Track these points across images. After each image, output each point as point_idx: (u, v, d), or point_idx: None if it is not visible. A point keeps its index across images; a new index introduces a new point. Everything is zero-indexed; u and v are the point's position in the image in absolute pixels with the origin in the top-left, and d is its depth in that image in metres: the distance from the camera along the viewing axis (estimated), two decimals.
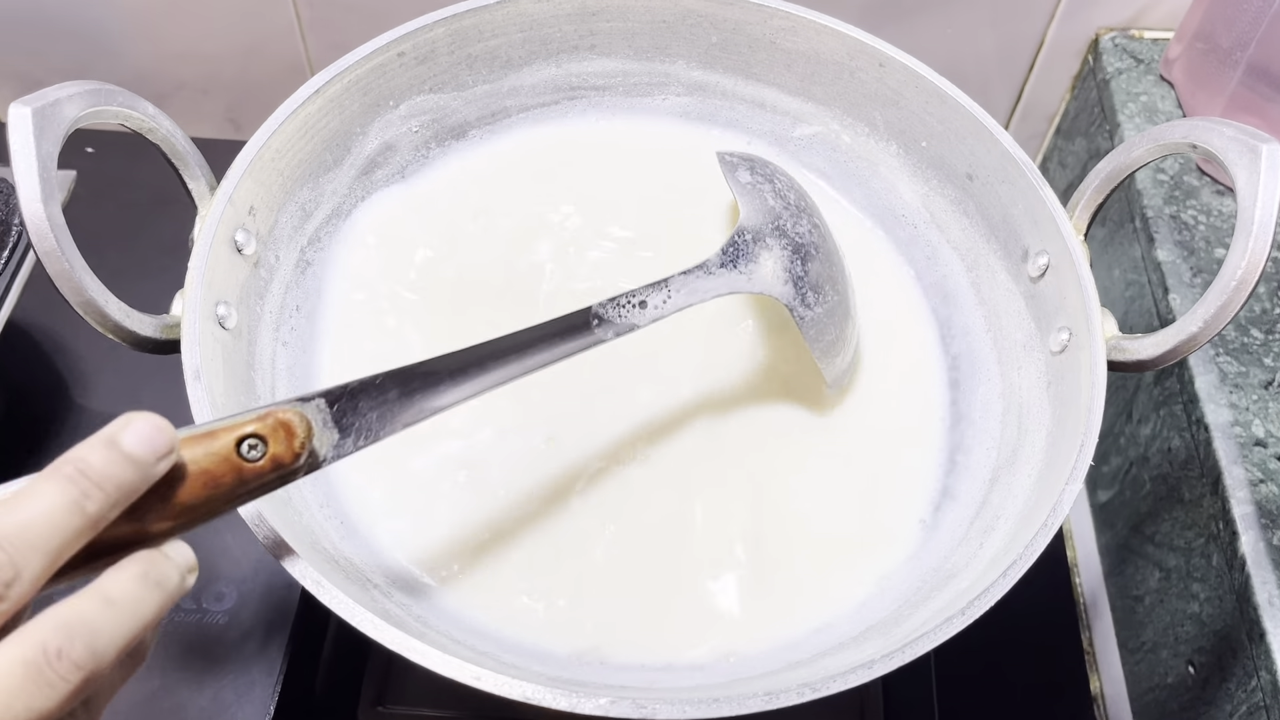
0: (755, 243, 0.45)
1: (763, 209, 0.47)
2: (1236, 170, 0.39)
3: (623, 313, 0.42)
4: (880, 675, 0.35)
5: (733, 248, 0.45)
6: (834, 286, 0.47)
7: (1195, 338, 0.41)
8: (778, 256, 0.45)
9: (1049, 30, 0.72)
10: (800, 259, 0.46)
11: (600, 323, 0.41)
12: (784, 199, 0.48)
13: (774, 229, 0.46)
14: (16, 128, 0.37)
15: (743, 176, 0.48)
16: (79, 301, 0.38)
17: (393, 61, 0.50)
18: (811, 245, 0.47)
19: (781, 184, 0.49)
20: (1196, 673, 0.56)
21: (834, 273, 0.48)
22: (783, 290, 0.45)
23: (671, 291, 0.43)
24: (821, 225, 0.49)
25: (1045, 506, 0.39)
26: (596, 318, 0.41)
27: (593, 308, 0.41)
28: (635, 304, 0.42)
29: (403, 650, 0.35)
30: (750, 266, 0.45)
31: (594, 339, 0.41)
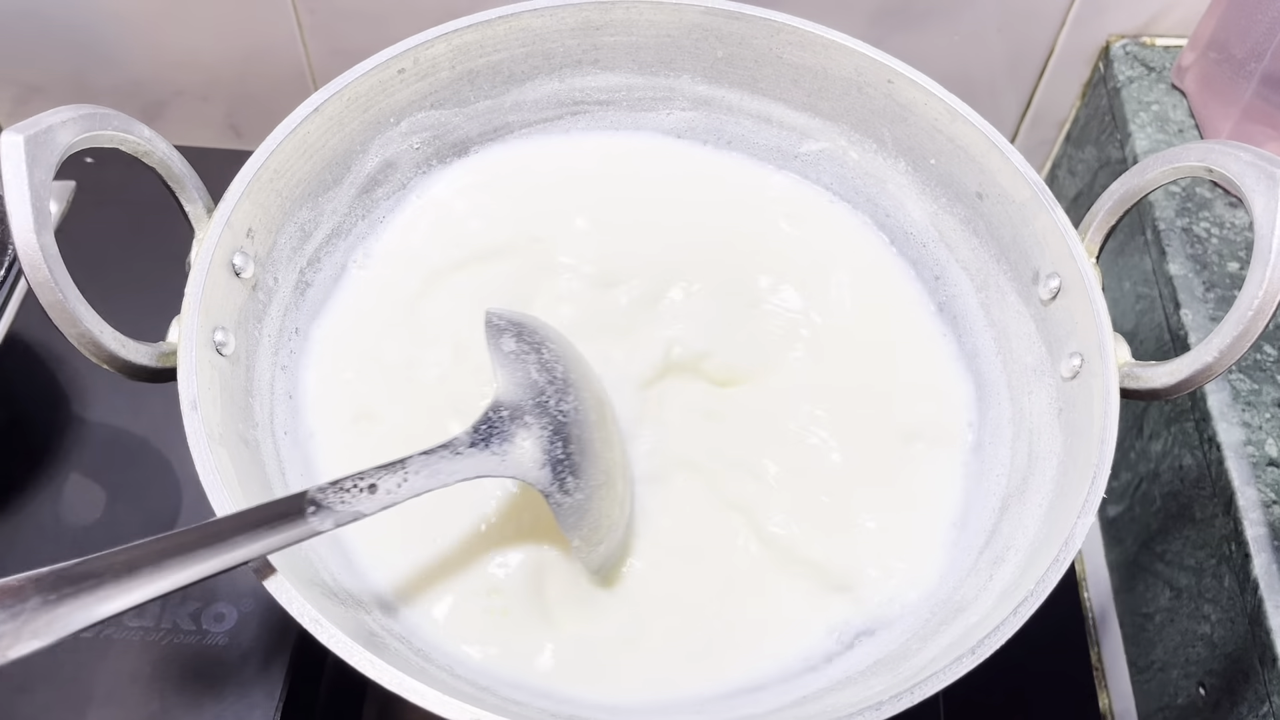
0: (512, 420, 0.41)
1: (525, 382, 0.42)
2: (1254, 197, 0.39)
3: (346, 498, 0.37)
4: (888, 717, 0.35)
5: (486, 425, 0.41)
6: (600, 470, 0.43)
7: (1211, 368, 0.40)
8: (536, 437, 0.41)
9: (1059, 37, 0.71)
10: (562, 440, 0.42)
11: (317, 510, 0.36)
12: (549, 372, 0.43)
13: (535, 405, 0.42)
14: (8, 156, 0.36)
15: (506, 344, 0.43)
16: (73, 333, 0.38)
17: (393, 78, 0.49)
18: (576, 424, 0.43)
19: (549, 354, 0.44)
20: (1207, 695, 0.55)
21: (603, 454, 0.44)
22: (539, 476, 0.41)
23: (409, 474, 0.38)
24: (592, 401, 0.45)
25: (1057, 540, 0.39)
26: (313, 504, 0.36)
27: (309, 493, 0.36)
28: (363, 488, 0.37)
29: (400, 690, 0.34)
30: (505, 447, 0.40)
31: (309, 530, 0.36)
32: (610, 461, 0.45)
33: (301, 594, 0.35)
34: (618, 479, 0.45)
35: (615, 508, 0.44)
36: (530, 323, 0.46)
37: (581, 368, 0.46)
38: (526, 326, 0.45)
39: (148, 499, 0.58)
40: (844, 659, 0.43)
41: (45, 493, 0.58)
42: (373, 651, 0.35)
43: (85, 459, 0.59)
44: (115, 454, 0.60)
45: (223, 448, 0.39)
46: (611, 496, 0.44)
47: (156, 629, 0.53)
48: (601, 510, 0.43)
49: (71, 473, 0.59)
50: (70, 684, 0.51)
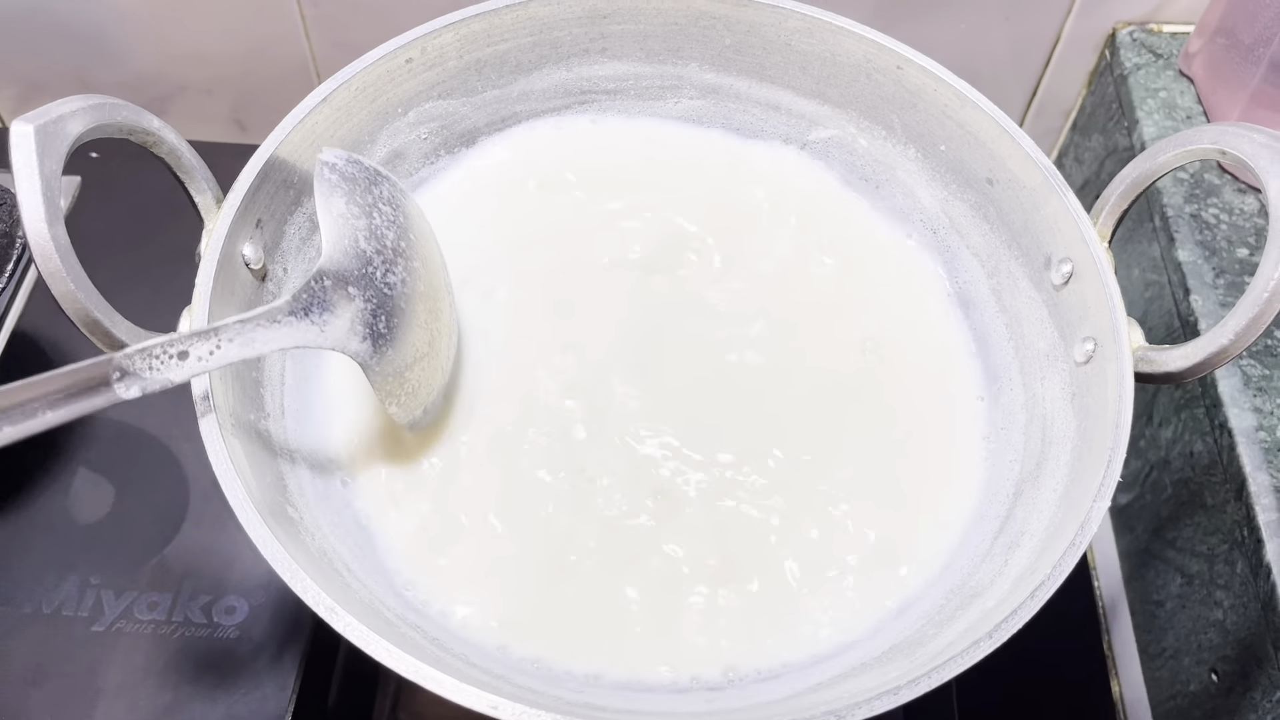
0: (335, 290, 0.40)
1: (352, 251, 0.41)
2: (1268, 179, 0.38)
3: (155, 364, 0.35)
4: (906, 701, 0.35)
5: (307, 294, 0.39)
6: (422, 337, 0.43)
7: (1226, 350, 0.40)
8: (358, 310, 0.40)
9: (1065, 25, 0.71)
10: (385, 313, 0.41)
11: (123, 376, 0.35)
12: (379, 239, 0.42)
13: (360, 276, 0.40)
14: (19, 146, 0.36)
15: (335, 205, 0.41)
16: (85, 323, 0.37)
17: (401, 68, 0.49)
18: (402, 297, 0.42)
19: (381, 218, 0.43)
20: (1220, 681, 0.55)
21: (427, 322, 0.43)
22: (359, 348, 0.40)
23: (222, 341, 0.37)
24: (422, 269, 0.44)
25: (1072, 524, 0.39)
26: (119, 370, 0.35)
27: (114, 359, 0.35)
28: (173, 354, 0.36)
29: (419, 679, 0.34)
30: (325, 317, 0.39)
31: (114, 397, 0.34)
32: (435, 331, 0.44)
33: (318, 584, 0.35)
34: (441, 346, 0.44)
35: (436, 373, 0.44)
36: (368, 176, 0.44)
37: (415, 230, 0.45)
38: (362, 181, 0.43)
39: (155, 493, 0.58)
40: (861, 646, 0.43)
41: (54, 489, 0.58)
42: (389, 640, 0.34)
43: (93, 455, 0.59)
44: (122, 449, 0.60)
45: (235, 438, 0.39)
46: (433, 364, 0.44)
47: (168, 622, 0.53)
48: (420, 378, 0.43)
49: (79, 468, 0.59)
50: (83, 678, 0.51)
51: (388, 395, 0.42)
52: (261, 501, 0.37)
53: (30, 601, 0.54)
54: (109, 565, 0.55)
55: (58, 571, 0.55)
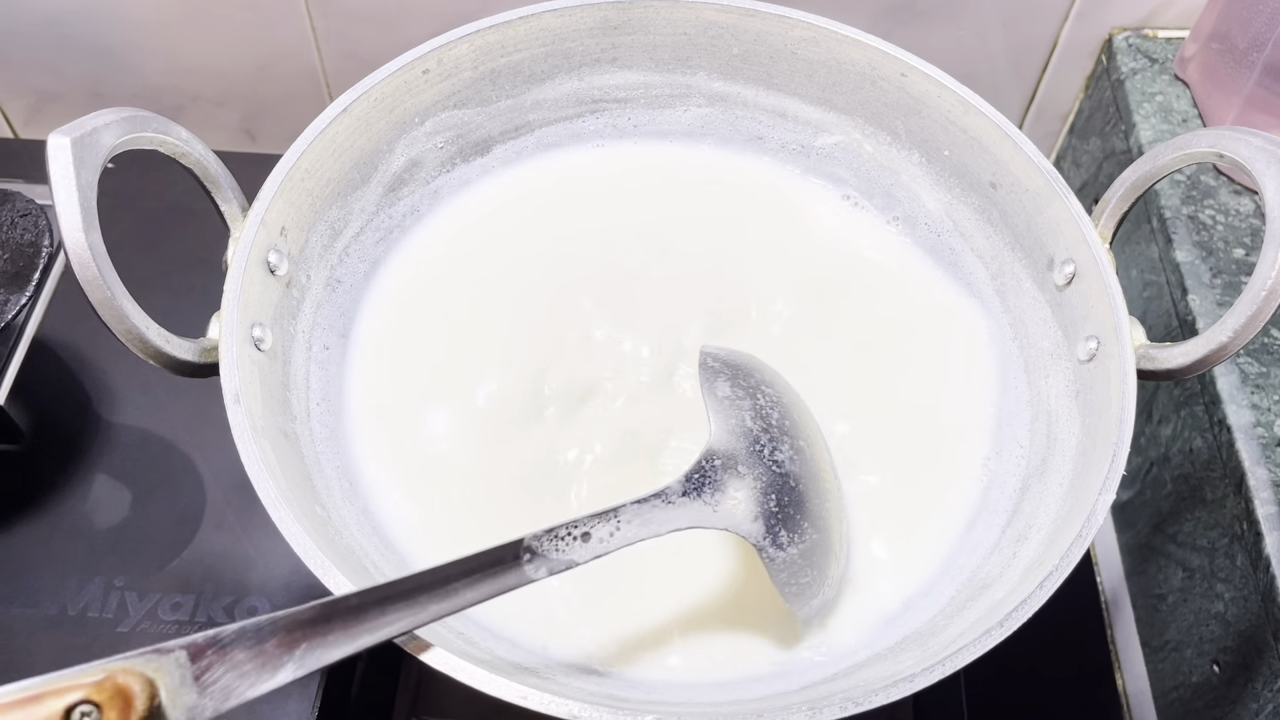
0: (725, 470, 0.40)
1: (739, 430, 0.42)
2: (1265, 180, 0.40)
3: (561, 546, 0.37)
4: (921, 688, 0.36)
5: (699, 475, 0.40)
6: (814, 523, 0.42)
7: (1225, 347, 0.41)
8: (749, 488, 0.40)
9: (1062, 31, 0.72)
10: (775, 492, 0.41)
11: (532, 558, 0.36)
12: (765, 419, 0.43)
13: (749, 454, 0.41)
14: (56, 158, 0.37)
15: (720, 389, 0.43)
16: (121, 329, 0.39)
17: (417, 79, 0.50)
18: (791, 476, 0.42)
19: (765, 399, 0.44)
20: (1222, 672, 0.56)
21: (817, 506, 0.43)
22: (752, 529, 0.40)
23: (621, 523, 0.38)
24: (808, 449, 0.44)
25: (1079, 516, 0.40)
26: (529, 552, 0.36)
27: (525, 540, 0.37)
28: (577, 536, 0.37)
29: (449, 670, 0.35)
30: (717, 497, 0.40)
31: (524, 578, 0.36)
32: (825, 513, 0.44)
33: (350, 579, 0.36)
34: (833, 531, 0.44)
35: (830, 560, 0.43)
36: (745, 364, 0.45)
37: (798, 412, 0.45)
38: (742, 369, 0.45)
39: (174, 499, 0.59)
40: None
41: (74, 494, 0.59)
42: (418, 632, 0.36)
43: (112, 460, 0.60)
44: (141, 455, 0.60)
45: (265, 439, 0.40)
46: (825, 548, 0.43)
47: (191, 623, 0.54)
48: (814, 564, 0.42)
49: (99, 474, 0.60)
50: None
51: (783, 583, 0.41)
52: (292, 500, 0.39)
53: (55, 604, 0.55)
54: (132, 568, 0.56)
55: (82, 575, 0.56)
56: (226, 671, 0.30)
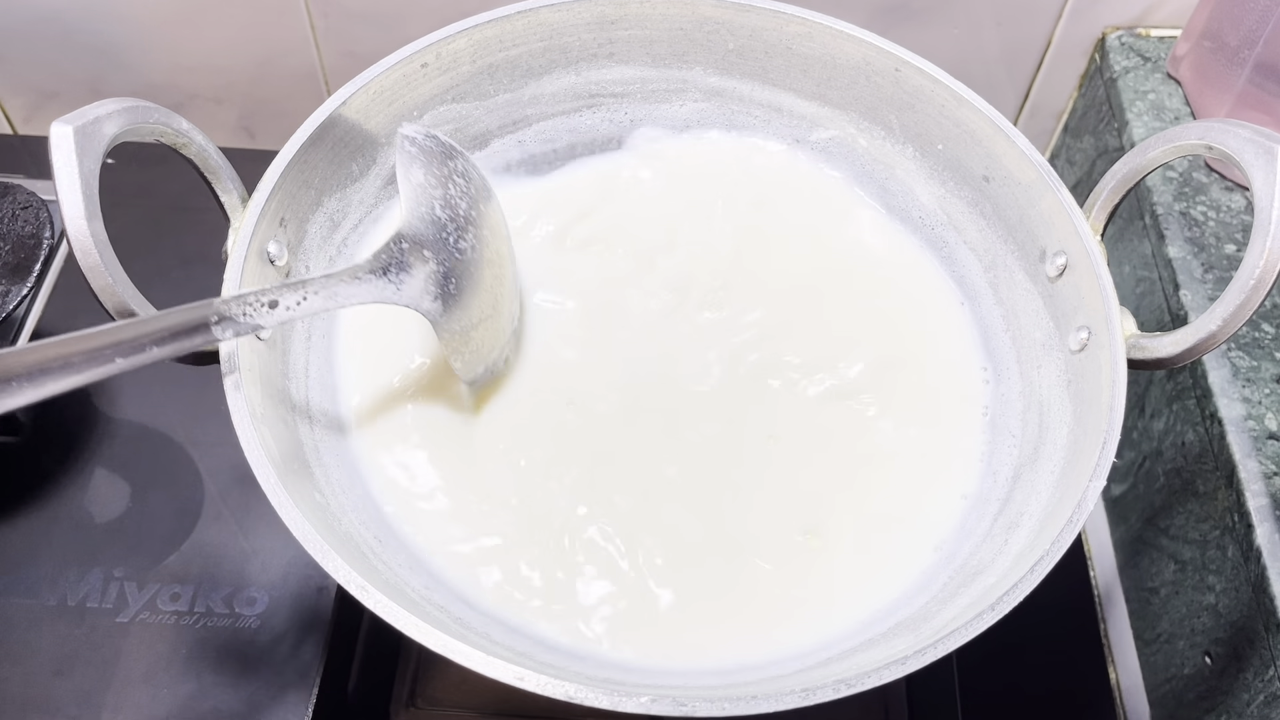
0: (411, 253, 0.43)
1: (428, 218, 0.45)
2: (1253, 171, 0.40)
3: (249, 310, 0.39)
4: (913, 671, 0.36)
5: (386, 255, 0.43)
6: (487, 300, 0.47)
7: (1214, 336, 0.41)
8: (431, 272, 0.44)
9: (1056, 30, 0.72)
10: (455, 276, 0.45)
11: (220, 320, 0.38)
12: (452, 209, 0.46)
13: (434, 240, 0.44)
14: (59, 146, 0.37)
15: (414, 175, 0.45)
16: (121, 316, 0.39)
17: (416, 72, 0.51)
18: (471, 263, 0.46)
19: (455, 189, 0.46)
20: (1213, 663, 0.57)
21: (493, 288, 0.47)
22: (430, 307, 0.44)
23: (309, 293, 0.40)
24: (489, 238, 0.47)
25: (1069, 503, 0.40)
26: (217, 315, 0.38)
27: (214, 303, 0.38)
28: (264, 303, 0.39)
29: (447, 652, 0.35)
30: (401, 277, 0.43)
31: (211, 338, 0.38)
32: (499, 295, 0.48)
33: (349, 563, 0.37)
34: (504, 309, 0.49)
35: (498, 334, 0.49)
36: (444, 150, 0.47)
37: (484, 200, 0.48)
38: (438, 154, 0.47)
39: (172, 491, 0.59)
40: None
41: (73, 486, 0.59)
42: (418, 616, 0.36)
43: (111, 453, 0.61)
44: (140, 448, 0.61)
45: (265, 426, 0.41)
46: (496, 325, 0.48)
47: (190, 613, 0.54)
48: (484, 338, 0.47)
49: (98, 467, 0.60)
50: (107, 667, 0.53)
51: (453, 352, 0.45)
52: (291, 486, 0.39)
53: (55, 594, 0.55)
54: (131, 559, 0.56)
55: (81, 566, 0.56)
56: None
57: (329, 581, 0.55)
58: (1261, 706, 0.52)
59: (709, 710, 0.35)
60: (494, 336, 0.48)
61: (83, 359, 0.35)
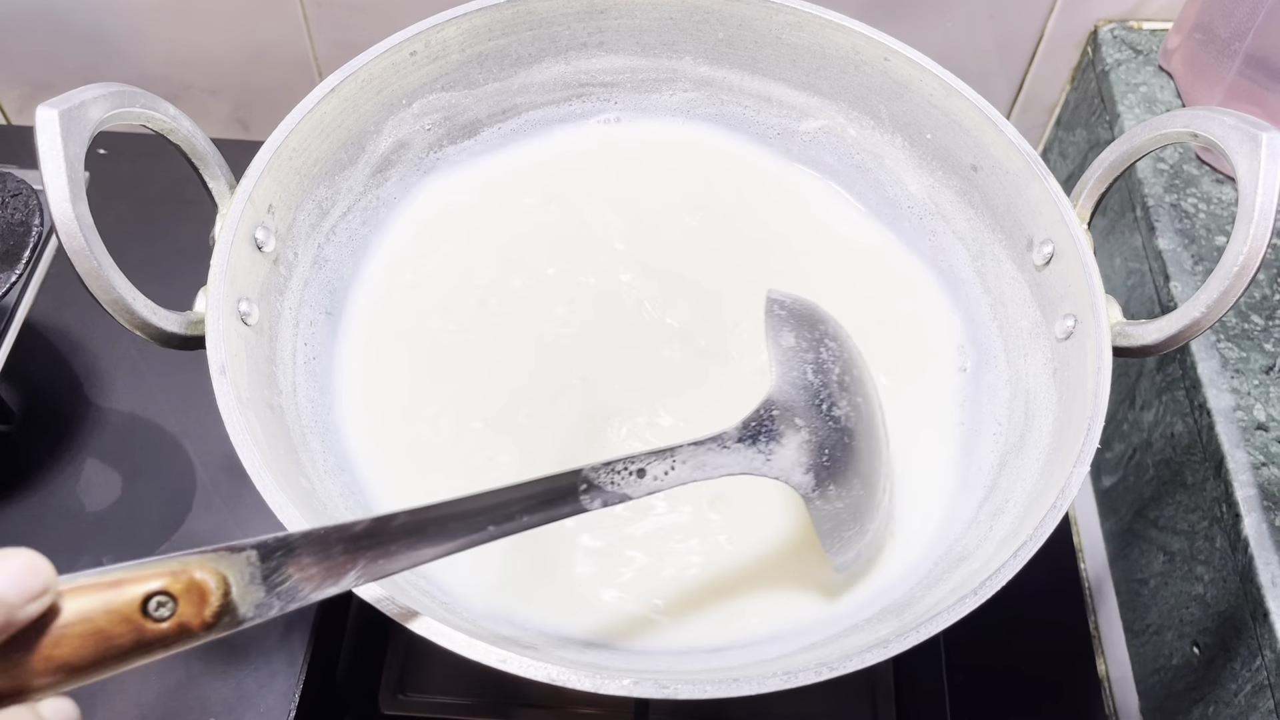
0: (782, 420, 0.41)
1: (800, 383, 0.42)
2: (1237, 159, 0.40)
3: (617, 480, 0.38)
4: (896, 654, 0.36)
5: (756, 423, 0.41)
6: (863, 480, 0.43)
7: (1199, 322, 0.42)
8: (804, 441, 0.41)
9: (1048, 23, 0.73)
10: (829, 448, 0.41)
11: (589, 489, 0.37)
12: (826, 374, 0.43)
13: (807, 407, 0.41)
14: (44, 130, 0.37)
15: (785, 339, 0.43)
16: (107, 299, 0.39)
17: (405, 60, 0.51)
18: (846, 433, 0.42)
19: (829, 353, 0.44)
20: (1201, 653, 0.57)
21: (867, 463, 0.43)
22: (802, 480, 0.41)
23: (676, 463, 0.39)
24: (864, 406, 0.44)
25: (1054, 489, 0.40)
26: (586, 483, 0.37)
27: (583, 471, 0.37)
28: (633, 472, 0.38)
29: (431, 636, 0.36)
30: (771, 446, 0.40)
31: (579, 508, 0.37)
32: (873, 470, 0.44)
33: None
34: (878, 487, 0.45)
35: (871, 515, 0.44)
36: (812, 313, 0.46)
37: (858, 368, 0.46)
38: (807, 319, 0.45)
39: (163, 480, 0.59)
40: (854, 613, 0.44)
41: (65, 476, 0.59)
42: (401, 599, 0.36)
43: (101, 442, 0.61)
44: (130, 437, 0.61)
45: (251, 411, 0.41)
46: (869, 504, 0.44)
47: None
48: (858, 518, 0.43)
49: (89, 456, 0.60)
50: None
51: (825, 535, 0.42)
52: (277, 470, 0.39)
53: None
54: (120, 548, 0.56)
55: (71, 554, 0.56)
56: (294, 574, 0.31)
57: None
58: (1249, 696, 0.52)
59: (691, 693, 0.35)
60: (867, 517, 0.44)
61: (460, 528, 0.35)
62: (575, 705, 0.56)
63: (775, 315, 0.44)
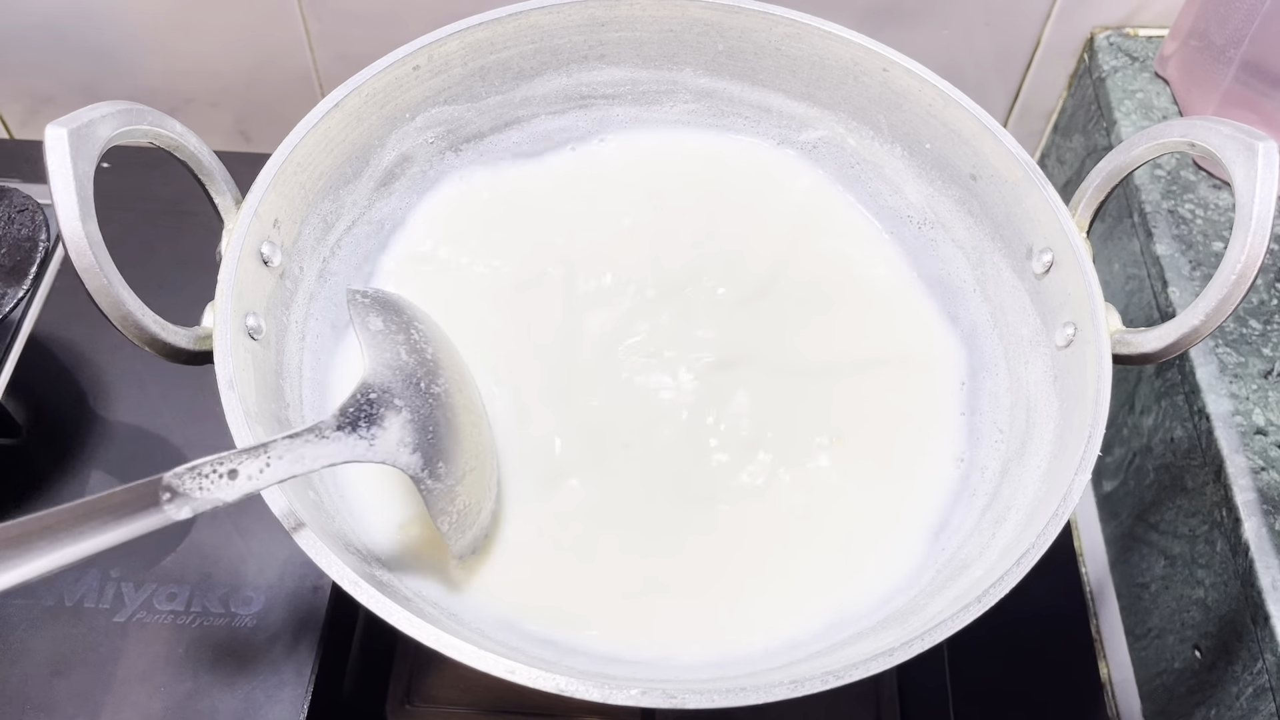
0: (380, 403, 0.39)
1: (394, 364, 0.41)
2: (1234, 168, 0.41)
3: (205, 484, 0.35)
4: (901, 662, 0.36)
5: (354, 408, 0.39)
6: (471, 453, 0.43)
7: (1197, 330, 0.42)
8: (406, 420, 0.40)
9: (1045, 30, 0.73)
10: (433, 425, 0.41)
11: (173, 497, 0.35)
12: (419, 353, 0.42)
13: (405, 387, 0.41)
14: (53, 149, 0.38)
15: (373, 323, 0.42)
16: (117, 316, 0.39)
17: (408, 75, 0.51)
18: (448, 408, 0.42)
19: (418, 334, 0.44)
20: (1203, 657, 0.57)
21: (472, 438, 0.43)
22: (409, 460, 0.39)
23: (272, 459, 0.37)
24: (461, 384, 0.44)
25: (1056, 496, 0.41)
26: (169, 490, 0.35)
27: (163, 479, 0.35)
28: (223, 474, 0.36)
29: (440, 647, 0.36)
30: (374, 431, 0.39)
31: (165, 518, 0.34)
32: (479, 445, 0.44)
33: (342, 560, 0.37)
34: (486, 463, 0.44)
35: (483, 492, 0.44)
36: (396, 301, 0.45)
37: (448, 349, 0.45)
38: (392, 304, 0.44)
39: None
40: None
41: (71, 489, 0.59)
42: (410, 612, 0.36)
43: (107, 455, 0.61)
44: (136, 450, 0.61)
45: (258, 424, 0.41)
46: (480, 481, 0.43)
47: (186, 612, 0.55)
48: (470, 495, 0.42)
49: (94, 469, 0.60)
50: (105, 667, 0.53)
51: (441, 514, 0.41)
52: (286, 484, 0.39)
53: (52, 595, 0.55)
54: (128, 559, 0.57)
55: (78, 566, 0.56)
56: None
57: (324, 580, 0.56)
58: (1250, 699, 0.53)
59: (699, 702, 0.35)
60: (480, 495, 0.44)
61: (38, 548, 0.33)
62: (582, 715, 0.56)
63: (359, 304, 0.43)
